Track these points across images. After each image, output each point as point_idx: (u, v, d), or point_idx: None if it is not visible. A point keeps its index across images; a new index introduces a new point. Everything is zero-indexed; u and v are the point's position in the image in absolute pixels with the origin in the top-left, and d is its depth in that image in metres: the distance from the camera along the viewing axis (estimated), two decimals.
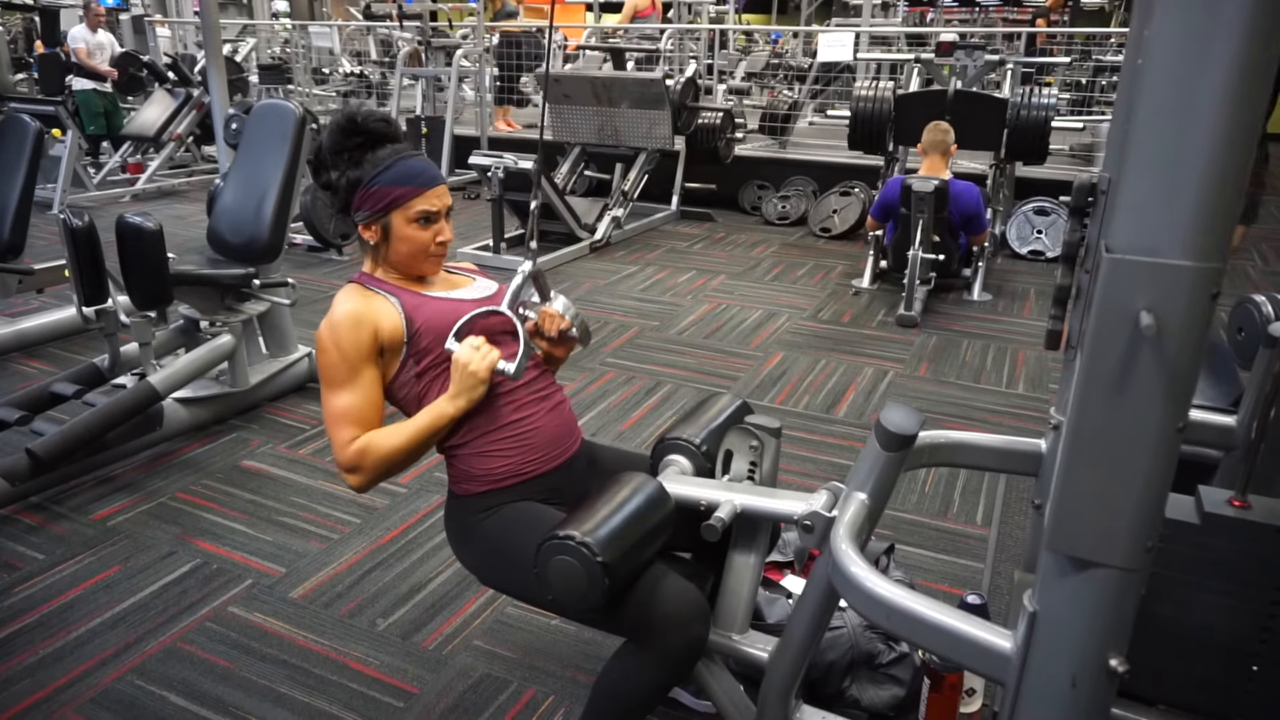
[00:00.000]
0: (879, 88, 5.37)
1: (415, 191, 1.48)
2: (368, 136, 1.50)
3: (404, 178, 1.47)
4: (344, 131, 1.50)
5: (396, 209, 1.48)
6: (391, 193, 1.47)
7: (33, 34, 11.46)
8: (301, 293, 3.20)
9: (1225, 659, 1.28)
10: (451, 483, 1.56)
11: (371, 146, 1.50)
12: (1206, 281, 0.79)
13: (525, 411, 1.52)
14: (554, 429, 1.55)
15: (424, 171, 1.50)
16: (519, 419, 1.51)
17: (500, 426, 1.50)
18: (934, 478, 2.71)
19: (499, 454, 1.50)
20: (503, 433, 1.50)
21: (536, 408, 1.54)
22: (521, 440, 1.51)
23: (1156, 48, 0.78)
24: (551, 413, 1.56)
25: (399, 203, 1.48)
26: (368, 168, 1.48)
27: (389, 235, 1.50)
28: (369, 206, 1.49)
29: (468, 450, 1.51)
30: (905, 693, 1.78)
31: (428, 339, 1.48)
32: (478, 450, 1.50)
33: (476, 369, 1.43)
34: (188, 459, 2.85)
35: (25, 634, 2.02)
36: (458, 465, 1.53)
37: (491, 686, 1.88)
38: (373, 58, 10.37)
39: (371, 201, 1.48)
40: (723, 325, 4.18)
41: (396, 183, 1.47)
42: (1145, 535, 0.88)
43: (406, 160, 1.49)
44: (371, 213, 1.49)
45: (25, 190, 3.42)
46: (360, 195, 1.49)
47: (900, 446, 1.28)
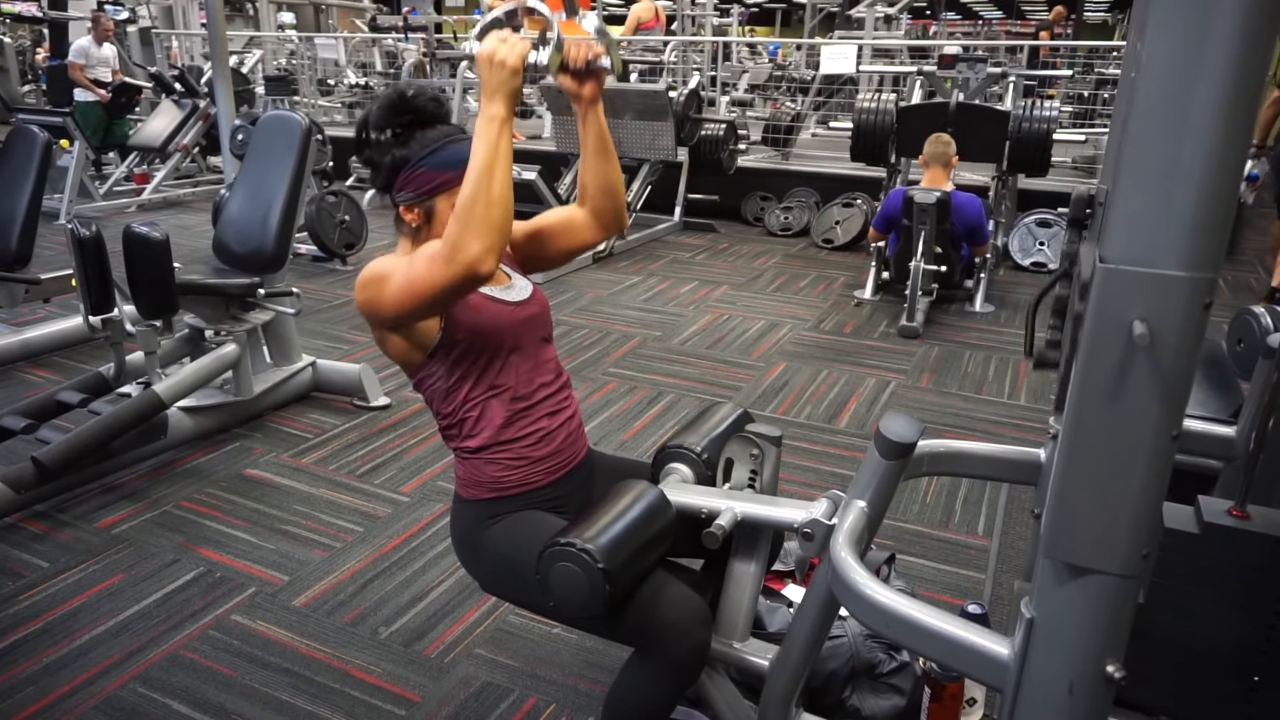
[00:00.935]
0: (881, 100, 5.39)
1: (462, 177, 1.38)
2: (417, 115, 1.45)
3: (452, 162, 1.41)
4: (394, 108, 1.44)
5: (442, 193, 1.43)
6: (439, 177, 1.42)
7: (40, 45, 11.54)
8: (306, 302, 3.22)
9: (1226, 669, 1.29)
10: (458, 485, 1.55)
11: (420, 126, 1.45)
12: (1200, 291, 0.80)
13: (541, 425, 1.50)
14: (564, 441, 1.54)
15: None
16: (534, 432, 1.50)
17: (515, 440, 1.48)
18: (935, 488, 2.72)
19: (510, 463, 1.49)
20: (517, 444, 1.48)
21: (553, 420, 1.52)
22: (533, 452, 1.50)
23: (1150, 61, 0.79)
24: (564, 425, 1.54)
25: (445, 187, 1.42)
26: (415, 148, 1.42)
27: (432, 219, 1.45)
28: (414, 188, 1.43)
29: (481, 457, 1.48)
30: (906, 702, 1.78)
31: (462, 333, 1.43)
32: (488, 457, 1.48)
33: (506, 56, 1.28)
34: (192, 467, 2.86)
35: (29, 641, 2.03)
36: (468, 468, 1.51)
37: (493, 695, 1.88)
38: (378, 69, 10.43)
39: (417, 184, 1.43)
40: (725, 336, 4.19)
41: (444, 166, 1.42)
42: (1141, 542, 0.89)
43: (456, 144, 1.43)
44: (416, 195, 1.43)
45: (33, 200, 3.45)
46: (405, 176, 1.43)
47: (900, 455, 1.29)
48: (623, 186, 1.57)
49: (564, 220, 1.60)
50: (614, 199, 1.57)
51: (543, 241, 1.61)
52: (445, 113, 1.49)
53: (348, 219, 5.21)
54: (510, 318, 1.49)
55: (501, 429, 1.48)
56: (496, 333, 1.46)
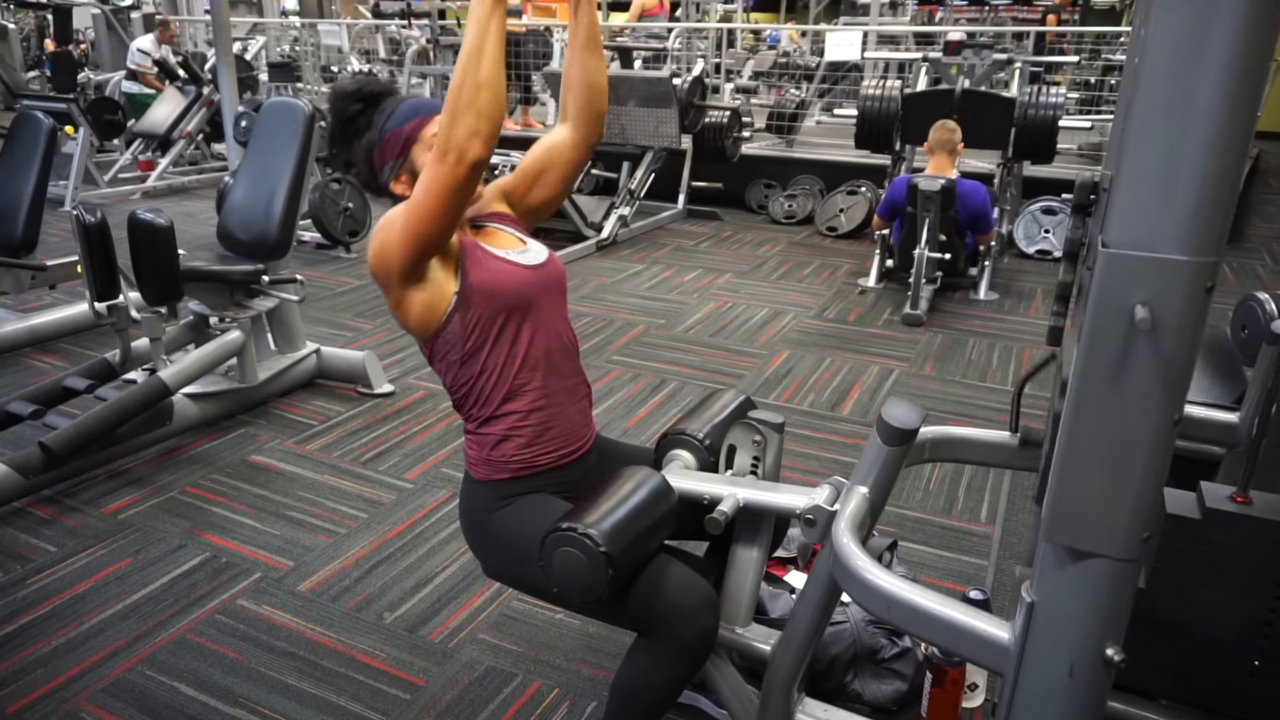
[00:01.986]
0: (886, 86, 5.36)
1: (425, 120, 1.47)
2: (366, 100, 1.51)
3: (409, 113, 1.47)
4: (344, 99, 1.51)
5: (414, 143, 1.47)
6: (403, 131, 1.47)
7: (45, 32, 11.52)
8: (310, 290, 3.23)
9: (1227, 654, 1.29)
10: (468, 464, 1.54)
11: (373, 107, 1.51)
12: (1202, 275, 0.80)
13: (555, 402, 1.50)
14: (574, 423, 1.54)
15: (426, 102, 1.50)
16: (546, 405, 1.49)
17: (528, 412, 1.47)
18: (938, 475, 2.72)
19: (521, 439, 1.48)
20: (528, 419, 1.47)
21: (564, 399, 1.52)
22: (544, 428, 1.49)
23: (1154, 46, 0.79)
24: (575, 406, 1.54)
25: (413, 136, 1.47)
26: (376, 126, 1.48)
27: (417, 175, 1.45)
28: (390, 154, 1.48)
29: (492, 428, 1.48)
30: (908, 687, 1.79)
31: (478, 295, 1.43)
32: (501, 432, 1.47)
33: None
34: (197, 454, 2.88)
35: (38, 625, 2.05)
36: (479, 443, 1.50)
37: (497, 679, 1.90)
38: (381, 56, 10.40)
39: (389, 148, 1.47)
40: (729, 323, 4.19)
41: (403, 120, 1.47)
42: (1142, 526, 0.89)
43: (407, 101, 1.50)
44: (395, 159, 1.48)
45: (39, 187, 3.45)
46: (379, 153, 1.48)
47: (902, 441, 1.30)
48: (606, 86, 1.59)
49: (545, 150, 1.61)
50: (599, 97, 1.58)
51: (534, 183, 1.62)
52: (390, 87, 1.55)
53: (351, 206, 5.20)
54: (524, 279, 1.47)
55: (512, 399, 1.46)
56: (511, 293, 1.45)
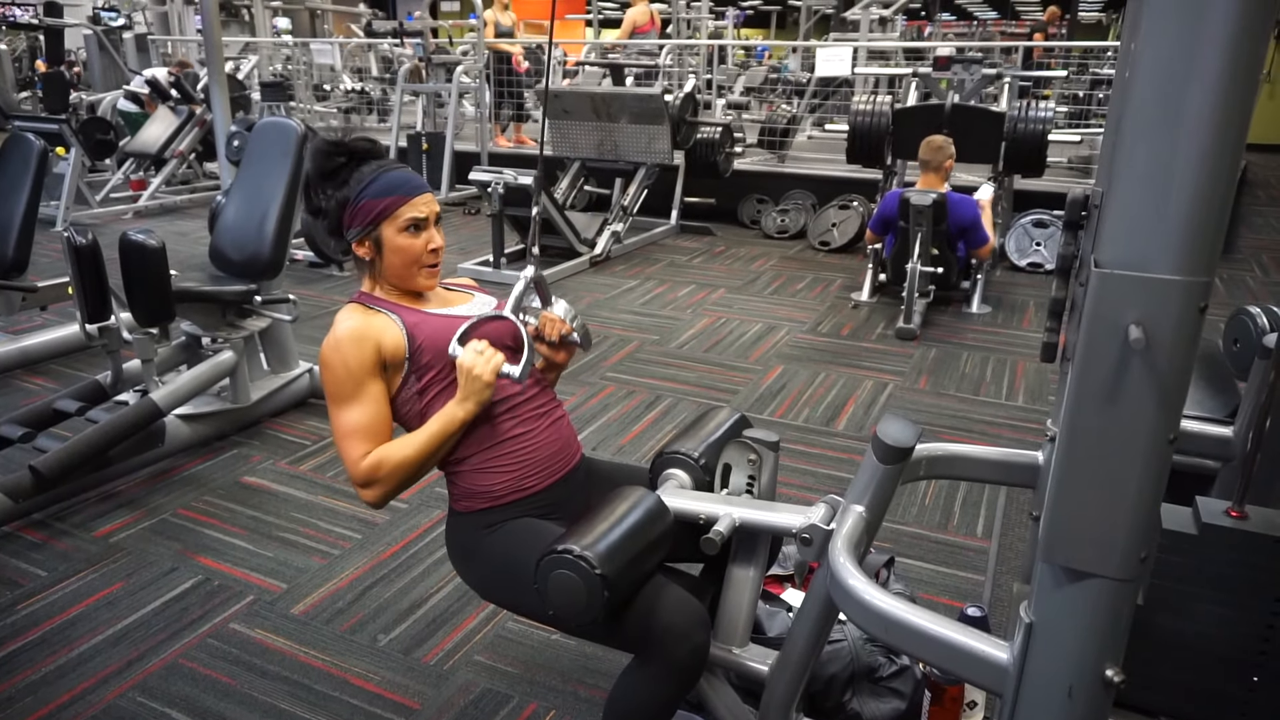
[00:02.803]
0: (877, 102, 5.40)
1: (401, 200, 1.49)
2: (350, 155, 1.52)
3: (389, 188, 1.49)
4: (326, 154, 1.52)
5: (385, 220, 1.49)
6: (378, 205, 1.49)
7: (36, 52, 11.53)
8: (303, 309, 3.22)
9: (1225, 669, 1.29)
10: (452, 500, 1.56)
11: (356, 165, 1.52)
12: (1195, 295, 0.80)
13: (526, 427, 1.52)
14: (554, 444, 1.55)
15: (408, 180, 1.51)
16: (519, 434, 1.51)
17: (500, 442, 1.50)
18: (934, 490, 2.72)
19: (499, 470, 1.50)
20: (502, 449, 1.50)
21: (536, 424, 1.54)
22: (521, 456, 1.51)
23: (1143, 62, 0.79)
24: (551, 428, 1.56)
25: (387, 213, 1.49)
26: (354, 185, 1.50)
27: (382, 248, 1.51)
28: (359, 222, 1.50)
29: (468, 467, 1.51)
30: (906, 706, 1.78)
31: (429, 355, 1.49)
32: (477, 466, 1.50)
33: (481, 373, 1.43)
34: (189, 475, 2.86)
35: (28, 651, 2.02)
36: (458, 482, 1.53)
37: (493, 701, 1.88)
38: (374, 74, 10.43)
39: (360, 217, 1.49)
40: (722, 339, 4.19)
41: (382, 194, 1.49)
42: (1139, 546, 0.89)
43: (390, 172, 1.51)
44: (362, 228, 1.50)
45: (29, 208, 3.44)
46: (349, 213, 1.50)
47: (897, 459, 1.29)
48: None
49: None
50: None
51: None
52: (376, 149, 1.56)
53: None
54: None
55: (483, 438, 1.50)
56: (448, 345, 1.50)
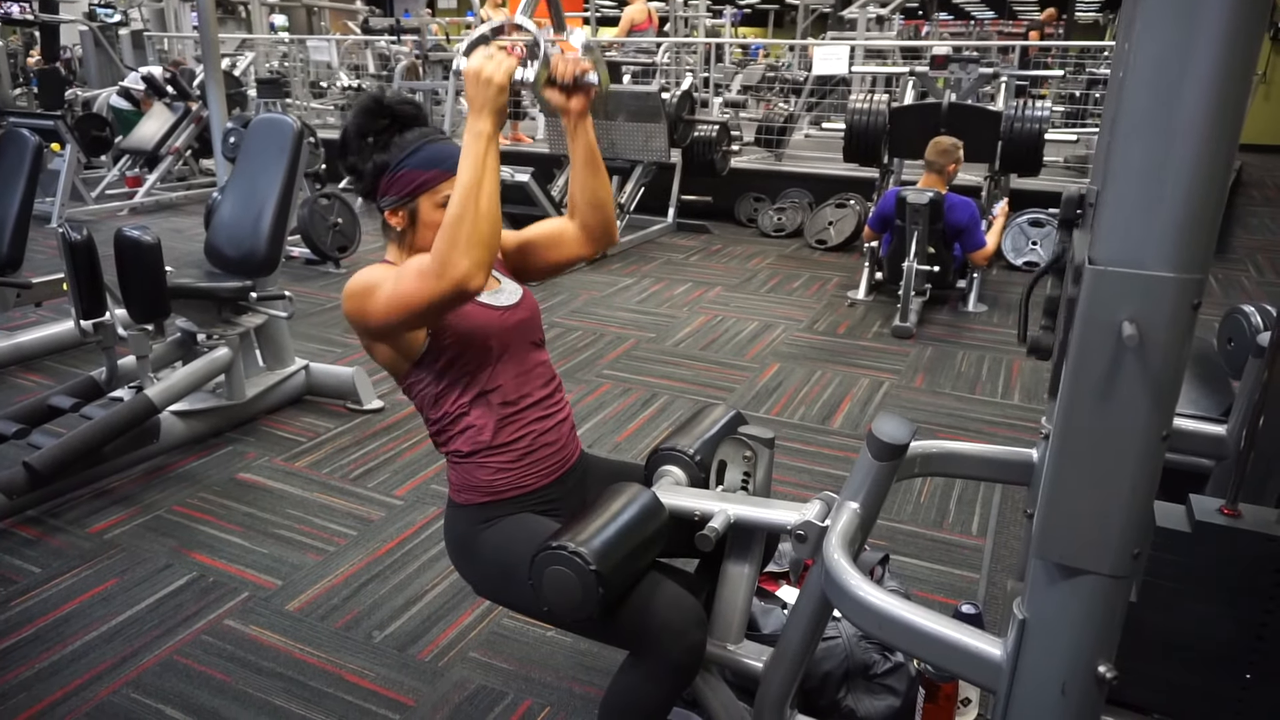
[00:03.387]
0: (874, 100, 5.40)
1: (443, 175, 1.43)
2: (395, 119, 1.47)
3: (432, 161, 1.43)
4: (370, 113, 1.46)
5: (424, 193, 1.44)
6: (419, 176, 1.43)
7: (31, 49, 11.49)
8: (298, 306, 3.22)
9: (1218, 668, 1.29)
10: (451, 490, 1.55)
11: (399, 130, 1.46)
12: (1188, 292, 0.80)
13: (533, 429, 1.50)
14: (556, 444, 1.54)
15: (452, 155, 1.43)
16: (525, 436, 1.49)
17: (507, 444, 1.48)
18: (929, 488, 2.72)
19: (501, 467, 1.49)
20: (508, 449, 1.48)
21: (544, 423, 1.52)
22: (525, 455, 1.50)
23: (1138, 60, 0.79)
24: (555, 429, 1.54)
25: (426, 186, 1.43)
26: (394, 151, 1.44)
27: (416, 221, 1.46)
28: (396, 191, 1.44)
29: (472, 461, 1.49)
30: (900, 703, 1.78)
31: (449, 337, 1.44)
32: (480, 462, 1.49)
33: (492, 74, 1.31)
34: (184, 472, 2.85)
35: (22, 647, 2.02)
36: (459, 473, 1.51)
37: (488, 698, 1.88)
38: (370, 71, 10.41)
39: (399, 186, 1.44)
40: (719, 337, 4.19)
41: (424, 166, 1.43)
42: (1132, 542, 0.89)
43: (435, 143, 1.45)
44: (399, 198, 1.44)
45: (24, 204, 3.43)
46: (387, 180, 1.44)
47: (892, 456, 1.29)
48: (611, 200, 1.58)
49: (554, 233, 1.62)
50: (603, 212, 1.58)
51: (532, 253, 1.62)
52: (422, 115, 1.51)
53: (340, 222, 5.20)
54: (499, 323, 1.48)
55: (492, 434, 1.48)
56: (485, 338, 1.46)
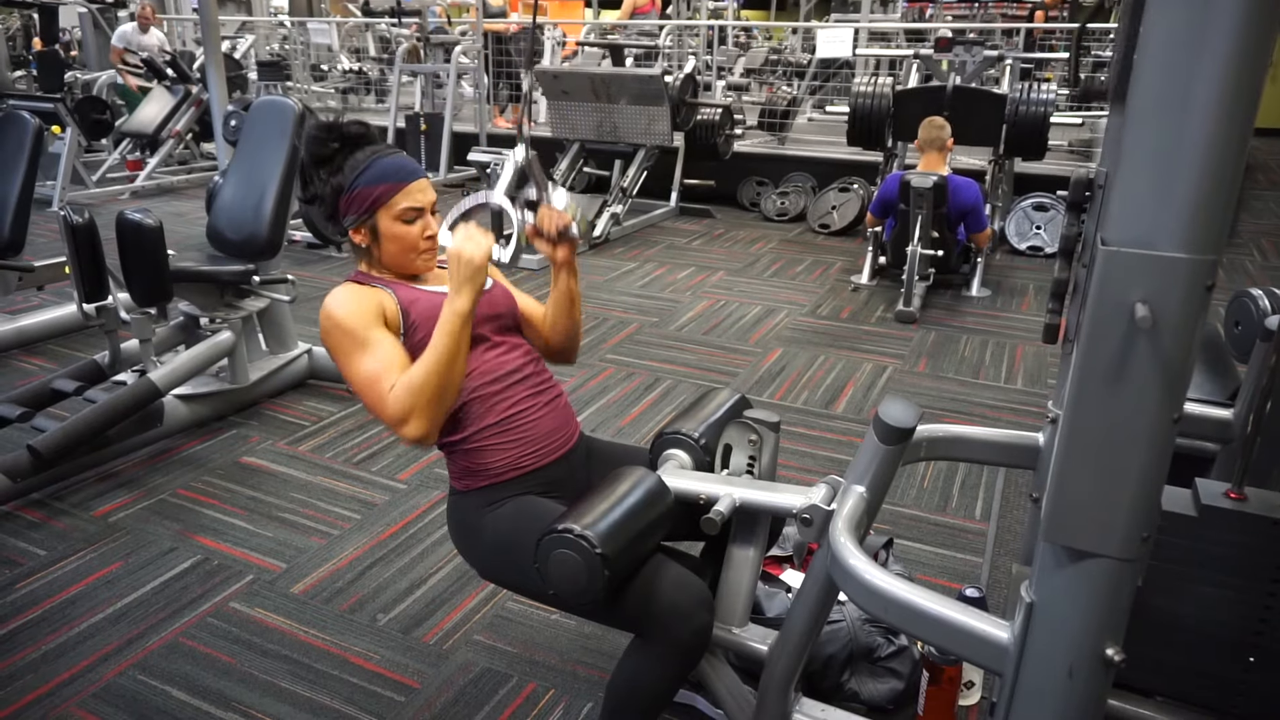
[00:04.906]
0: (878, 83, 5.37)
1: (396, 187, 1.49)
2: (344, 141, 1.52)
3: (383, 175, 1.49)
4: (319, 140, 1.52)
5: (380, 207, 1.50)
6: (373, 192, 1.48)
7: (31, 31, 11.43)
8: (301, 289, 3.21)
9: (1222, 650, 1.29)
10: (452, 478, 1.56)
11: (349, 151, 1.52)
12: (1202, 273, 0.79)
13: (522, 406, 1.52)
14: (551, 422, 1.55)
15: (403, 167, 1.51)
16: (516, 413, 1.51)
17: (498, 422, 1.50)
18: (933, 472, 2.72)
19: (497, 448, 1.50)
20: (500, 428, 1.50)
21: (533, 401, 1.54)
22: (519, 434, 1.51)
23: (1151, 42, 0.79)
24: (548, 406, 1.56)
25: (381, 200, 1.49)
26: (348, 172, 1.50)
27: (378, 235, 1.52)
28: (354, 210, 1.50)
29: (466, 446, 1.51)
30: (904, 686, 1.79)
31: (422, 333, 1.48)
32: (475, 445, 1.50)
33: (472, 255, 1.37)
34: (188, 455, 2.85)
35: (28, 629, 2.03)
36: (457, 461, 1.53)
37: (492, 681, 1.89)
38: (371, 54, 10.35)
39: (356, 204, 1.50)
40: (722, 321, 4.18)
41: (376, 181, 1.48)
42: (1141, 526, 0.89)
43: (384, 158, 1.50)
44: (358, 215, 1.50)
45: (25, 187, 3.42)
46: (344, 200, 1.50)
47: (898, 440, 1.29)
48: (579, 337, 1.71)
49: (533, 316, 1.68)
50: (570, 346, 1.70)
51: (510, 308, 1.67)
52: (370, 134, 1.56)
53: None
54: None
55: (476, 415, 1.50)
56: None
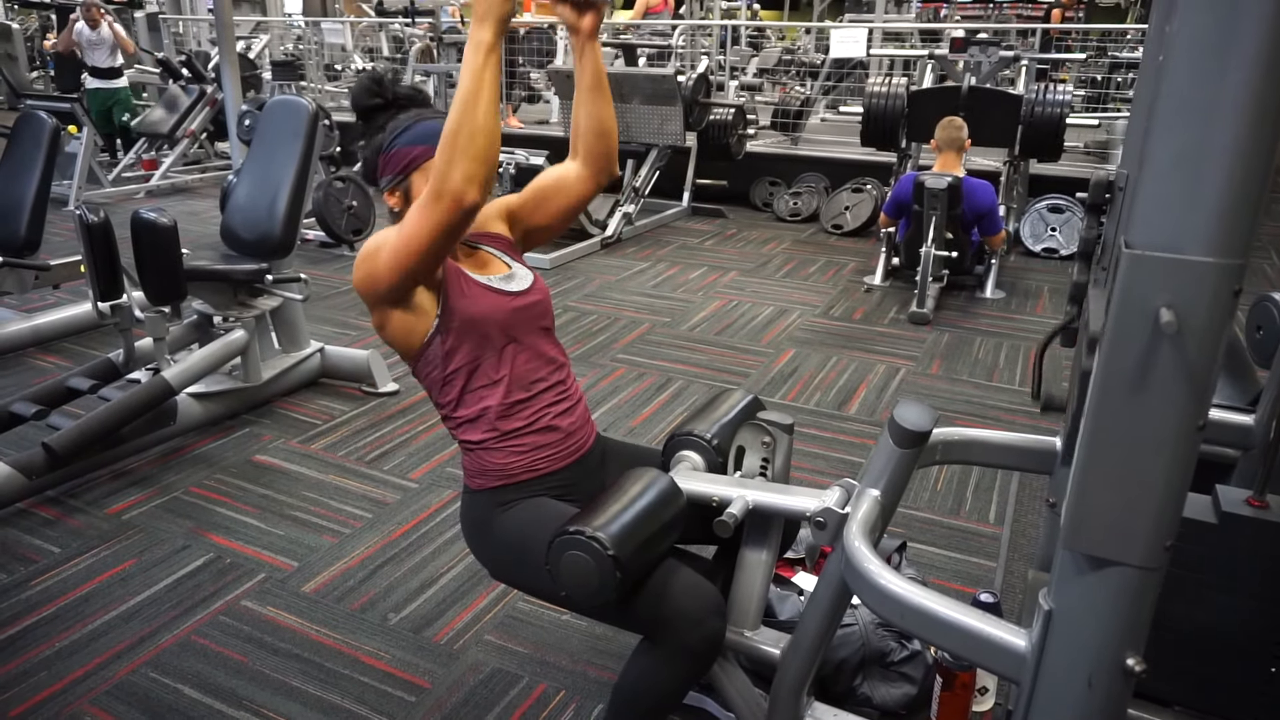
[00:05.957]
0: (892, 84, 5.34)
1: (431, 151, 1.37)
2: (391, 100, 1.47)
3: (423, 137, 1.41)
4: (365, 91, 1.47)
5: (415, 170, 1.43)
6: (410, 153, 1.42)
7: (48, 32, 11.53)
8: (314, 288, 3.22)
9: (1243, 660, 1.27)
10: (466, 477, 1.54)
11: (396, 111, 1.47)
12: (1229, 278, 0.78)
13: (544, 413, 1.49)
14: (570, 426, 1.53)
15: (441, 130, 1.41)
16: (538, 420, 1.48)
17: (519, 428, 1.47)
18: (946, 476, 2.70)
19: (515, 450, 1.48)
20: (520, 434, 1.47)
21: (556, 408, 1.51)
22: (539, 438, 1.49)
23: (1179, 44, 0.77)
24: (568, 411, 1.53)
25: (416, 163, 1.42)
26: (389, 132, 1.44)
27: (410, 199, 1.44)
28: (390, 170, 1.44)
29: (484, 447, 1.48)
30: (917, 691, 1.77)
31: (458, 320, 1.41)
32: (493, 446, 1.48)
33: None
34: (201, 453, 2.86)
35: (42, 627, 2.04)
36: (474, 459, 1.51)
37: (503, 681, 1.88)
38: (385, 54, 10.38)
39: (392, 164, 1.44)
40: (734, 322, 4.17)
41: (416, 142, 1.42)
42: (1164, 534, 0.88)
43: (427, 121, 1.44)
44: (393, 176, 1.44)
45: (42, 186, 3.44)
46: (382, 160, 1.45)
47: (914, 443, 1.28)
48: (615, 128, 1.56)
49: (554, 179, 1.60)
50: (607, 140, 1.55)
51: (538, 209, 1.61)
52: (420, 97, 1.51)
53: (355, 204, 5.19)
54: (507, 307, 1.47)
55: (499, 420, 1.46)
56: (493, 323, 1.44)
